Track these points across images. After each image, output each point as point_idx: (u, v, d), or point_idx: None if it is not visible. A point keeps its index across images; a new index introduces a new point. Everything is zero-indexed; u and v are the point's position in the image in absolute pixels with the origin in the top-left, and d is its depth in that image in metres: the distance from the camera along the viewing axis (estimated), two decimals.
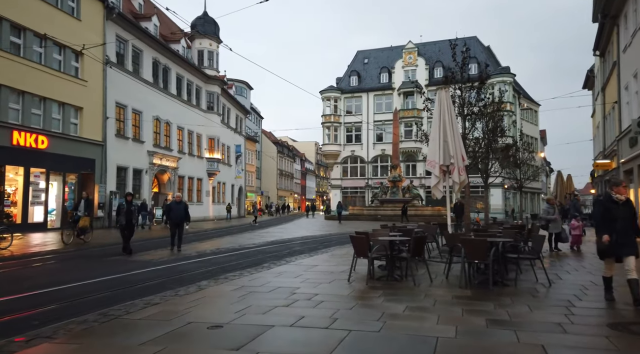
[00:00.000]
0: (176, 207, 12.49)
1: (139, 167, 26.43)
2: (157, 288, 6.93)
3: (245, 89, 64.50)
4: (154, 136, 28.31)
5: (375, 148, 52.28)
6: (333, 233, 20.29)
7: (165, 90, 29.84)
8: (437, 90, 10.33)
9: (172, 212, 12.43)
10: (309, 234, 19.39)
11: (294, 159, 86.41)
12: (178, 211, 12.37)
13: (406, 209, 32.87)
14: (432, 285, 6.85)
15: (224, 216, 40.08)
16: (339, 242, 15.45)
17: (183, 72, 32.15)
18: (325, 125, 53.56)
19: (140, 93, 26.48)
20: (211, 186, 36.90)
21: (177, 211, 12.37)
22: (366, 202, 50.29)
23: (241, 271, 8.33)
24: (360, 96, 53.40)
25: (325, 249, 12.70)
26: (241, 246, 13.54)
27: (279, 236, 18.55)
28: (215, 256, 11.04)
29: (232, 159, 43.40)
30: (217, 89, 36.72)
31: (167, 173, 29.71)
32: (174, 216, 12.33)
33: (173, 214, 12.35)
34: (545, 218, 11.76)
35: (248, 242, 15.17)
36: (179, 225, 12.29)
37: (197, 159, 34.53)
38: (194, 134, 33.93)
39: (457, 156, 9.86)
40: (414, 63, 51.58)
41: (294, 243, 14.75)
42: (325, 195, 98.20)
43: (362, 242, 7.13)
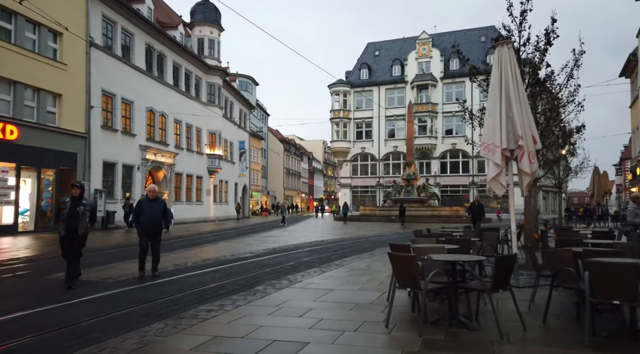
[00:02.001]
0: (149, 208, 7.88)
1: (130, 163, 23.91)
2: (69, 341, 4.27)
3: (250, 84, 62.04)
4: (148, 129, 25.79)
5: (387, 145, 49.49)
6: (346, 237, 17.57)
7: (161, 79, 27.32)
8: (495, 46, 7.51)
9: (143, 216, 7.85)
10: (318, 239, 16.69)
11: (301, 157, 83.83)
12: (152, 213, 7.86)
13: (404, 210, 30.00)
14: (529, 337, 4.13)
15: (234, 216, 37.75)
16: (355, 249, 12.74)
17: (181, 61, 29.62)
18: (334, 121, 50.85)
19: (131, 81, 23.97)
20: (212, 184, 34.35)
21: (151, 214, 7.84)
22: (377, 202, 47.53)
23: (222, 302, 5.66)
24: (370, 90, 50.61)
25: (339, 260, 10.00)
26: (234, 256, 10.86)
27: (284, 240, 15.88)
28: (194, 273, 8.33)
29: (236, 156, 40.84)
30: (219, 80, 34.17)
31: (162, 170, 27.19)
32: (146, 222, 7.82)
33: (145, 219, 7.82)
34: (633, 222, 8.91)
35: (245, 249, 12.50)
36: (153, 235, 7.92)
37: (197, 156, 31.99)
38: (193, 128, 31.39)
39: (527, 137, 7.07)
40: (429, 54, 48.68)
41: (301, 252, 12.04)
42: (334, 195, 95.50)
43: (408, 264, 4.41)
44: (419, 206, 35.67)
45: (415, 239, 7.24)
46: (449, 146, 46.95)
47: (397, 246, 5.80)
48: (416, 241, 6.60)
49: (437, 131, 47.17)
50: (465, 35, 50.12)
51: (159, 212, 8.03)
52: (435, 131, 47.12)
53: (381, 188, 48.45)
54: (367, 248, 12.97)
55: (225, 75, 35.57)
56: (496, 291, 4.32)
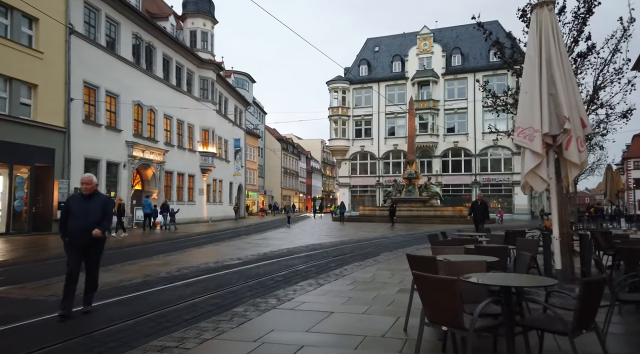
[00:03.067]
0: (81, 208, 5.21)
1: (115, 160, 22.44)
2: None
3: (246, 81, 60.60)
4: (135, 124, 24.32)
5: (387, 143, 48.08)
6: (346, 240, 16.14)
7: (149, 72, 25.84)
8: (533, 8, 6.07)
9: (72, 219, 5.20)
10: (316, 242, 15.25)
11: (299, 157, 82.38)
12: (84, 216, 5.17)
13: (394, 210, 28.44)
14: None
15: (229, 217, 36.51)
16: (357, 254, 11.32)
17: (171, 53, 28.15)
18: (332, 118, 49.43)
19: (117, 73, 22.50)
20: (205, 183, 32.89)
21: (82, 216, 5.17)
22: (377, 202, 46.11)
23: (184, 333, 4.23)
24: (370, 87, 49.19)
25: (339, 269, 8.58)
26: (218, 264, 9.42)
27: (278, 244, 14.45)
28: (163, 288, 6.87)
29: (231, 154, 39.38)
30: (212, 74, 32.70)
31: (151, 168, 25.72)
32: (74, 229, 5.16)
33: (73, 224, 5.17)
34: None
35: (233, 255, 11.06)
36: (87, 249, 5.22)
37: (189, 153, 30.52)
38: (185, 124, 29.92)
39: (575, 119, 5.66)
40: (430, 50, 47.29)
41: (296, 258, 10.60)
42: (332, 194, 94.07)
43: (445, 291, 2.97)
44: (420, 206, 34.30)
45: (436, 247, 5.80)
46: (450, 144, 45.58)
47: (418, 259, 4.38)
48: (439, 250, 5.17)
49: (438, 128, 45.80)
50: (467, 31, 48.65)
51: (96, 214, 5.22)
52: (437, 128, 45.75)
53: (381, 188, 47.06)
54: (370, 253, 11.55)
55: (219, 69, 34.11)
56: (580, 333, 2.88)
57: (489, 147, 44.28)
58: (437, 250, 5.26)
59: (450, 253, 4.96)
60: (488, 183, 44.29)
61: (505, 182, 43.55)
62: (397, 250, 12.32)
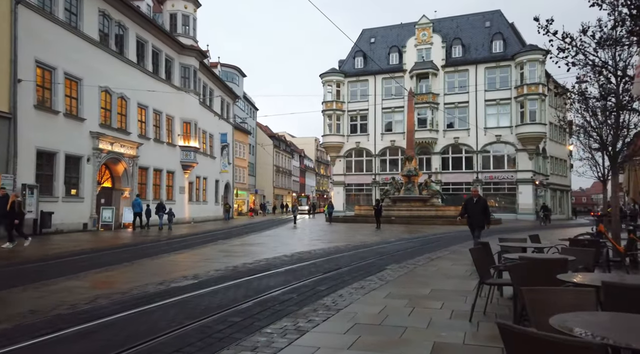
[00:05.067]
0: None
1: (77, 153, 19.62)
2: None
3: (236, 75, 57.83)
4: (102, 113, 21.51)
5: (383, 139, 45.50)
6: (341, 245, 13.49)
7: (120, 55, 23.04)
8: None
9: None
10: (304, 249, 12.57)
11: (292, 155, 79.65)
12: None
13: (380, 209, 25.49)
14: None
15: (215, 217, 34.14)
16: (355, 268, 8.69)
17: (147, 36, 25.33)
18: (326, 113, 46.78)
19: (80, 54, 19.68)
20: (187, 181, 30.10)
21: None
22: (373, 201, 43.50)
23: None
24: (366, 80, 46.63)
25: (331, 295, 5.96)
26: (160, 287, 6.64)
27: (257, 252, 11.79)
28: (30, 344, 4.18)
29: (217, 150, 36.59)
30: (195, 62, 29.91)
31: (122, 163, 22.90)
32: None
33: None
34: None
35: (190, 270, 8.28)
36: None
37: (168, 147, 27.71)
38: (163, 115, 27.11)
39: None
40: (429, 41, 44.76)
41: (273, 275, 7.91)
42: (326, 194, 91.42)
43: None
44: (420, 205, 31.75)
45: (537, 294, 3.13)
46: (450, 140, 43.09)
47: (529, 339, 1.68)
48: (542, 299, 2.51)
49: (437, 123, 43.30)
50: (468, 21, 46.32)
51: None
52: (436, 123, 43.24)
53: (377, 186, 44.49)
54: (373, 266, 8.93)
55: (203, 56, 31.30)
56: None
57: (492, 143, 41.86)
58: (537, 296, 2.60)
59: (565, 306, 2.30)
60: (490, 181, 41.86)
61: (509, 181, 41.12)
62: (406, 261, 9.71)
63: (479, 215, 9.96)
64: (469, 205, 10.23)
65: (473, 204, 10.11)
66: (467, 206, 10.27)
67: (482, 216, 9.95)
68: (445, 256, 10.66)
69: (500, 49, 42.51)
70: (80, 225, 19.65)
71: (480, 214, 9.95)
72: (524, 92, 39.65)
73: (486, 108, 42.24)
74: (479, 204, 10.08)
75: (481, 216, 9.95)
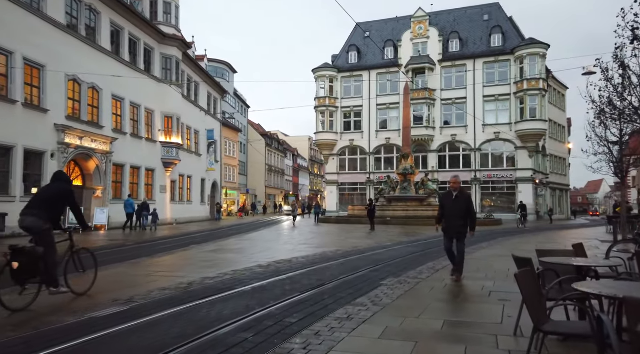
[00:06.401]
0: None
1: (39, 148, 17.71)
2: None
3: (226, 71, 55.91)
4: (70, 104, 19.61)
5: (378, 137, 43.78)
6: (329, 251, 11.71)
7: (92, 42, 21.12)
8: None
9: None
10: (286, 256, 10.74)
11: (285, 154, 77.76)
12: None
13: (374, 209, 23.59)
14: None
15: (200, 218, 32.60)
16: (344, 283, 6.91)
17: (123, 23, 23.42)
18: (318, 110, 44.99)
19: (42, 37, 17.78)
20: (169, 179, 28.19)
21: None
22: (367, 200, 41.73)
23: None
24: (360, 75, 44.88)
25: (306, 330, 4.18)
26: (73, 321, 4.90)
27: (229, 260, 10.02)
28: None
29: (203, 147, 34.70)
30: (177, 52, 28.02)
31: (93, 159, 20.98)
32: None
33: None
34: None
35: (126, 293, 6.41)
36: None
37: (147, 143, 25.81)
38: (141, 108, 25.20)
39: None
40: (425, 34, 43.08)
41: (234, 296, 6.10)
42: (320, 194, 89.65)
43: None
44: (417, 205, 30.05)
45: None
46: (447, 138, 41.44)
47: None
48: None
49: (434, 120, 41.64)
50: (466, 14, 44.71)
51: None
52: (433, 120, 41.59)
53: (372, 185, 42.77)
54: (365, 281, 7.16)
55: (186, 47, 29.40)
56: None
57: (490, 141, 40.27)
58: None
59: None
60: (489, 180, 40.26)
61: (508, 179, 39.54)
62: (405, 273, 7.96)
63: (459, 217, 6.96)
64: (446, 203, 7.24)
65: (452, 202, 7.10)
66: (444, 204, 7.30)
67: (463, 219, 6.97)
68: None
69: (499, 43, 40.93)
70: None
71: (462, 215, 6.96)
72: (524, 88, 38.09)
73: (484, 104, 40.66)
74: (460, 201, 7.04)
75: (463, 219, 6.96)
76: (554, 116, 44.63)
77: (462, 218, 6.98)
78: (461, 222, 6.99)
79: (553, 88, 44.97)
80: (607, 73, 9.76)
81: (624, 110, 9.47)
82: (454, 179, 7.25)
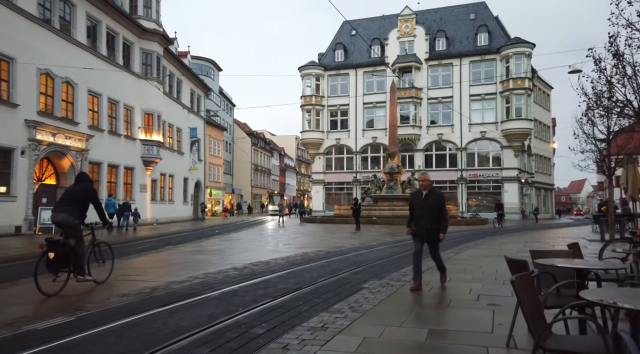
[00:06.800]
0: None
1: (7, 145, 16.84)
2: None
3: (211, 69, 55.08)
4: (42, 99, 18.74)
5: (365, 136, 43.44)
6: (310, 252, 11.20)
7: (66, 34, 20.27)
8: None
9: None
10: (264, 258, 10.18)
11: (272, 153, 77.02)
12: None
13: (359, 208, 23.18)
14: None
15: (182, 218, 31.89)
16: (321, 286, 6.41)
17: (100, 16, 22.58)
18: (304, 108, 44.45)
19: (12, 29, 16.91)
20: (149, 178, 27.36)
21: None
22: (353, 200, 41.31)
23: None
24: (346, 73, 44.47)
25: (268, 344, 3.70)
26: (6, 335, 4.31)
27: (202, 263, 9.43)
28: None
29: (185, 145, 33.89)
30: (158, 48, 27.21)
31: (67, 157, 20.12)
32: None
33: None
34: None
35: (81, 300, 5.87)
36: None
37: (126, 141, 24.97)
38: (120, 104, 24.35)
39: None
40: (412, 33, 42.87)
41: (198, 303, 5.53)
42: (307, 193, 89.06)
43: None
44: (404, 204, 29.55)
45: None
46: (434, 137, 41.28)
47: None
48: None
49: (421, 119, 41.43)
50: (452, 13, 44.63)
51: None
52: (420, 119, 41.37)
53: (358, 184, 42.39)
54: (345, 284, 6.67)
55: (167, 42, 28.60)
56: None
57: (476, 140, 40.21)
58: None
59: None
60: (475, 179, 40.19)
61: (494, 179, 39.52)
62: (389, 274, 7.49)
63: (429, 219, 6.13)
64: (415, 203, 6.41)
65: (421, 201, 6.29)
66: (413, 204, 6.45)
67: (435, 221, 6.14)
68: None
69: (485, 42, 40.91)
70: (11, 228, 16.89)
71: (433, 216, 6.14)
72: (510, 87, 38.10)
73: (471, 103, 40.60)
74: (431, 200, 6.21)
75: (434, 221, 6.14)
76: (539, 115, 44.82)
77: (433, 220, 6.16)
78: (432, 224, 6.16)
79: (538, 88, 45.17)
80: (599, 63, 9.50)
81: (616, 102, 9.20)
82: (422, 176, 6.45)
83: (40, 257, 5.85)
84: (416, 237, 6.36)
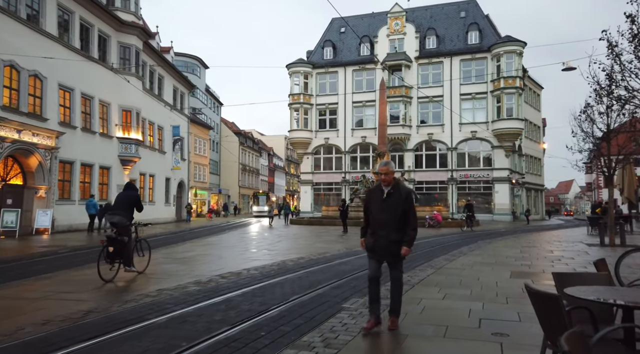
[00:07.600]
0: None
1: None
2: None
3: (197, 66, 53.75)
4: (6, 93, 17.40)
5: (354, 135, 42.48)
6: (289, 261, 10.14)
7: (34, 25, 18.95)
8: None
9: None
10: (234, 268, 9.14)
11: (260, 153, 75.80)
12: None
13: (347, 210, 22.21)
14: None
15: (165, 220, 30.74)
16: (293, 307, 5.39)
17: (73, 6, 21.27)
18: (292, 107, 43.36)
19: None
20: (127, 178, 26.03)
21: None
22: (340, 201, 40.34)
23: None
24: (335, 72, 43.49)
25: None
26: None
27: (164, 275, 8.35)
28: None
29: (168, 144, 32.61)
30: (136, 41, 25.90)
31: (35, 155, 18.79)
32: None
33: None
34: None
35: (13, 321, 4.76)
36: None
37: (101, 138, 23.66)
38: (95, 100, 23.04)
39: None
40: (402, 30, 42.03)
41: (128, 337, 4.47)
42: (296, 194, 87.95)
43: None
44: None
45: None
46: (424, 137, 40.47)
47: None
48: None
49: (411, 119, 40.60)
50: (442, 10, 43.90)
51: None
52: (410, 119, 40.53)
53: (347, 185, 41.43)
54: (323, 303, 5.65)
55: (147, 36, 27.32)
56: None
57: (467, 140, 39.48)
58: None
59: None
60: (466, 180, 39.46)
61: (485, 179, 38.82)
62: None
63: (391, 227, 4.34)
64: (372, 205, 4.53)
65: (381, 202, 4.44)
66: (369, 207, 4.59)
67: (398, 229, 4.34)
68: (428, 278, 7.50)
69: (476, 40, 40.23)
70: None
71: (395, 223, 4.33)
72: (501, 86, 37.43)
73: (461, 102, 39.87)
74: (393, 201, 4.38)
75: (396, 229, 4.33)
76: (529, 115, 44.29)
77: (396, 228, 4.32)
78: (394, 235, 4.31)
79: (529, 88, 44.65)
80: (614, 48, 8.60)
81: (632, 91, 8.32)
82: (384, 167, 4.46)
83: (101, 251, 7.43)
84: (373, 253, 4.50)
